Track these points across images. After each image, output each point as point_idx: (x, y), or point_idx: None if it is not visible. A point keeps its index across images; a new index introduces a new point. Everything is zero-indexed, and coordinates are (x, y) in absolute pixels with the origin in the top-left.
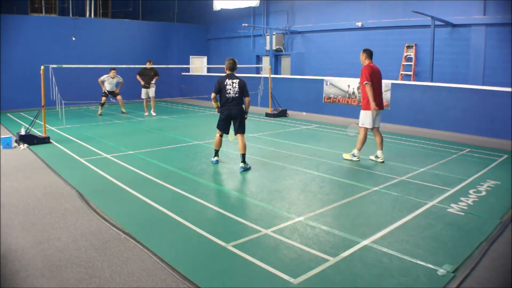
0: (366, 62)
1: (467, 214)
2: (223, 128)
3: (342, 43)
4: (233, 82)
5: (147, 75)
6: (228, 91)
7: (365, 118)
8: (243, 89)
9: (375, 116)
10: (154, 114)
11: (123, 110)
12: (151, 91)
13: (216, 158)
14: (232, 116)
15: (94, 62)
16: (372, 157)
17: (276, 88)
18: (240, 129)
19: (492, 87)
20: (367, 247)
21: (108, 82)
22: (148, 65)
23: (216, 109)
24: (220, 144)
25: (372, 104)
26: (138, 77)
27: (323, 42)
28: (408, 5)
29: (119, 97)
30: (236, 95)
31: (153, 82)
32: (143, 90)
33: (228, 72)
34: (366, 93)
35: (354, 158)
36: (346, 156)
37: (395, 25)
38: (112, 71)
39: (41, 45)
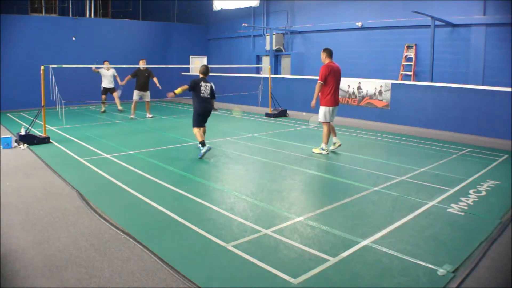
0: (327, 61)
1: (467, 214)
2: (201, 123)
3: (342, 43)
4: (206, 86)
5: (142, 77)
6: (202, 92)
7: (323, 113)
8: (212, 92)
9: (331, 112)
10: (151, 116)
11: (120, 107)
12: (147, 96)
13: (205, 148)
14: (207, 111)
15: (94, 62)
16: (333, 147)
17: (276, 88)
18: (204, 123)
19: (492, 87)
20: (367, 247)
21: (104, 75)
22: (141, 65)
23: (173, 94)
24: (202, 134)
25: (313, 102)
26: (128, 77)
27: (323, 42)
28: (408, 5)
29: (115, 94)
30: (208, 96)
31: (158, 85)
32: (137, 92)
33: (202, 76)
34: (323, 90)
35: (324, 152)
36: (316, 150)
37: (395, 25)
38: (106, 62)
39: (41, 45)
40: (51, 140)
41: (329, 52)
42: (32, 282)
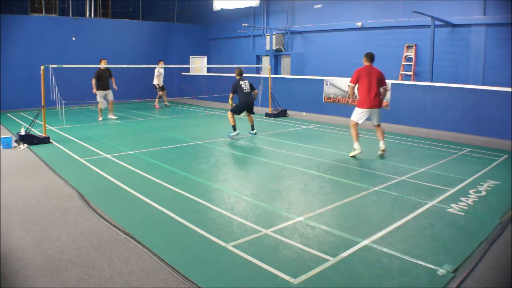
0: (365, 64)
1: (467, 214)
2: (240, 112)
3: (342, 43)
4: (245, 82)
5: (104, 78)
6: (244, 89)
7: (354, 113)
8: (251, 85)
9: (367, 114)
10: (114, 117)
11: (167, 103)
12: (110, 95)
13: (235, 132)
14: (250, 103)
15: (94, 62)
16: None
17: (276, 88)
18: (252, 111)
19: (492, 87)
20: (367, 247)
21: (161, 74)
22: (102, 65)
23: (231, 106)
24: (235, 119)
25: (349, 100)
26: (94, 82)
27: (323, 42)
28: (408, 5)
29: (164, 92)
30: (249, 90)
31: (114, 87)
32: (101, 93)
33: (238, 77)
34: (359, 92)
35: (357, 152)
36: (351, 153)
37: (395, 25)
38: (160, 62)
39: (41, 45)
40: (51, 140)
41: (368, 56)
42: (32, 282)
